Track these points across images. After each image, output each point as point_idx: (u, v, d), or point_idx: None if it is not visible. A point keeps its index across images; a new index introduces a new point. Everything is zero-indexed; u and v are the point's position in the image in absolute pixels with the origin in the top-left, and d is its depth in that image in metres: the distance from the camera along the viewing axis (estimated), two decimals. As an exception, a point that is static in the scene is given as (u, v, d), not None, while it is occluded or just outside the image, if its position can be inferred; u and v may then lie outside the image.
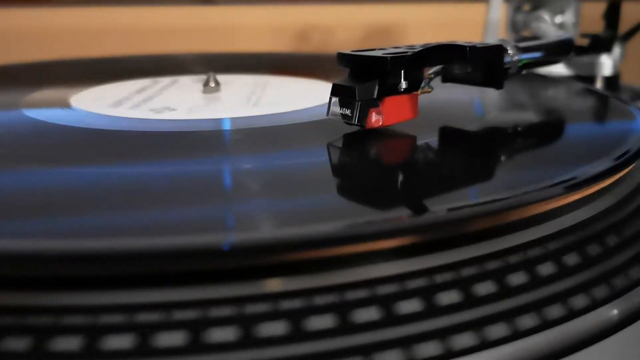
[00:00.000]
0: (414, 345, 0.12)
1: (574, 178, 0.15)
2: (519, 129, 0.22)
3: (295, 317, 0.12)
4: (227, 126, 0.22)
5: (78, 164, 0.18)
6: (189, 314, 0.12)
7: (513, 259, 0.14)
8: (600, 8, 0.37)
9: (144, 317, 0.11)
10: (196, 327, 0.11)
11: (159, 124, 0.22)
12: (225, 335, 0.11)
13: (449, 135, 0.21)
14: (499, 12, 0.39)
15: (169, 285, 0.12)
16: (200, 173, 0.17)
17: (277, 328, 0.12)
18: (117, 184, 0.16)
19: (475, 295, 0.13)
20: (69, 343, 0.11)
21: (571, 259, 0.14)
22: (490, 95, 0.26)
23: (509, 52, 0.22)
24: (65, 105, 0.25)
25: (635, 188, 0.18)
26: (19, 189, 0.15)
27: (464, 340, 0.12)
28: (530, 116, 0.25)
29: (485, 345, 0.12)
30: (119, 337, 0.11)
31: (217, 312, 0.12)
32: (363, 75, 0.19)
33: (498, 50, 0.21)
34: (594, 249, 0.15)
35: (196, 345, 0.11)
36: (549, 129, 0.23)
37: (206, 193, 0.15)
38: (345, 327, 0.12)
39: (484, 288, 0.13)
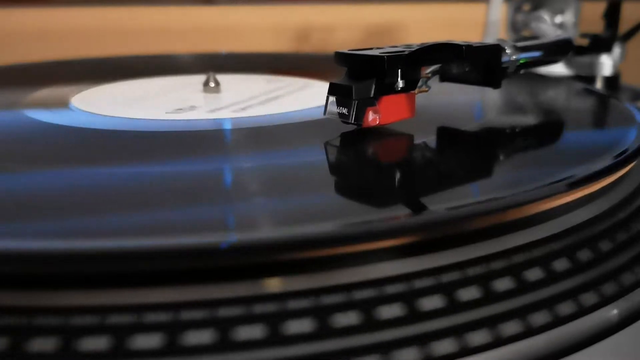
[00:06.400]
0: (412, 345, 0.12)
1: (572, 177, 0.15)
2: (518, 128, 0.22)
3: (293, 317, 0.12)
4: (226, 126, 0.22)
5: (78, 164, 0.18)
6: (185, 314, 0.12)
7: (512, 259, 0.14)
8: (600, 8, 0.37)
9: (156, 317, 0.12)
10: (185, 328, 0.11)
11: (158, 124, 0.22)
12: (211, 336, 0.11)
13: (447, 134, 0.21)
14: (499, 12, 0.39)
15: (165, 284, 0.12)
16: (200, 173, 0.17)
17: (269, 330, 0.12)
18: (116, 183, 0.16)
19: (471, 298, 0.13)
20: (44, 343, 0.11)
21: (571, 260, 0.14)
22: (490, 95, 0.26)
23: (506, 51, 0.22)
24: (66, 105, 0.25)
25: (636, 187, 0.18)
26: (20, 189, 0.15)
27: (464, 341, 0.12)
28: (529, 116, 0.25)
29: (485, 346, 0.12)
30: (99, 339, 0.11)
31: (214, 312, 0.12)
32: (360, 75, 0.19)
33: (495, 49, 0.21)
34: (594, 249, 0.15)
35: (174, 346, 0.11)
36: (548, 129, 0.23)
37: (205, 192, 0.15)
38: (336, 330, 0.12)
39: (481, 290, 0.13)
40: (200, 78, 0.29)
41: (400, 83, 0.19)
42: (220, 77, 0.28)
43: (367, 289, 0.12)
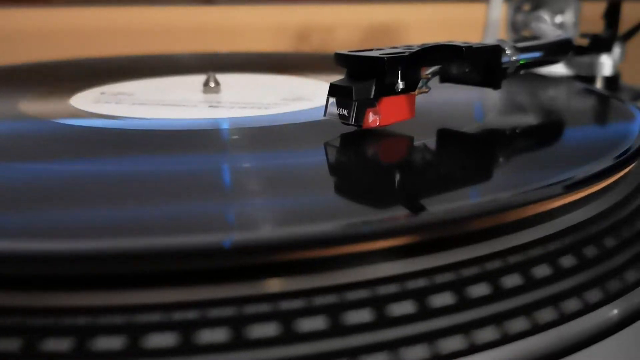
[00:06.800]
0: (412, 345, 0.12)
1: (573, 178, 0.15)
2: (518, 129, 0.22)
3: (292, 317, 0.12)
4: (226, 126, 0.22)
5: (77, 163, 0.18)
6: (186, 315, 0.12)
7: (512, 259, 0.14)
8: (600, 8, 0.37)
9: (141, 318, 0.11)
10: (191, 328, 0.11)
11: (158, 124, 0.22)
12: (220, 335, 0.11)
13: (447, 135, 0.21)
14: (499, 12, 0.39)
15: (163, 285, 0.12)
16: (199, 173, 0.17)
17: (273, 329, 0.12)
18: (115, 183, 0.16)
19: (473, 297, 0.13)
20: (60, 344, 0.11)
21: (571, 260, 0.14)
22: (490, 96, 0.26)
23: (506, 52, 0.22)
24: (65, 105, 0.25)
25: (636, 187, 0.18)
26: (20, 187, 0.16)
27: (465, 341, 0.12)
28: (529, 116, 0.25)
29: (485, 346, 0.12)
30: (114, 338, 0.11)
31: (213, 312, 0.12)
32: (360, 76, 0.19)
33: (495, 50, 0.21)
34: (594, 250, 0.15)
35: (189, 346, 0.11)
36: (548, 129, 0.23)
37: (204, 192, 0.15)
38: (340, 329, 0.12)
39: (483, 289, 0.13)
40: (200, 78, 0.29)
41: (401, 84, 0.19)
42: (220, 77, 0.28)
43: (373, 288, 0.12)
